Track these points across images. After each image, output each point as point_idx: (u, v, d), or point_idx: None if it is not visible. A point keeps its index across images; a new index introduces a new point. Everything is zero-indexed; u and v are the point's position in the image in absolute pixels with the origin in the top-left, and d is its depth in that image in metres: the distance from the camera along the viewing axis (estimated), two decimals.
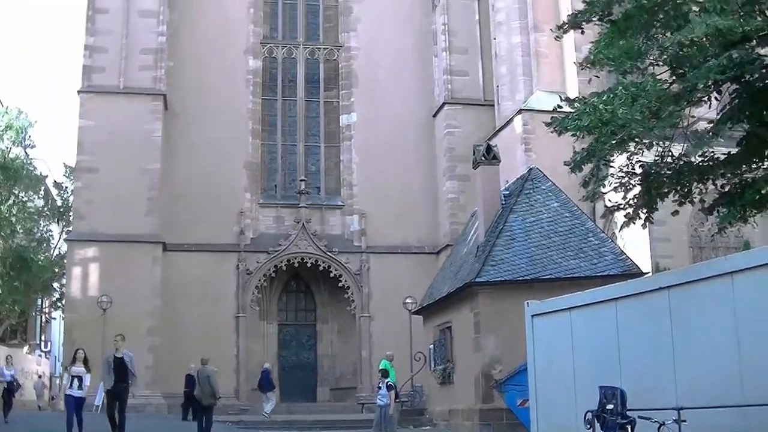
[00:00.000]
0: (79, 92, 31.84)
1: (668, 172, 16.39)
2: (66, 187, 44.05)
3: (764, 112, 15.46)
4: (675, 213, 15.61)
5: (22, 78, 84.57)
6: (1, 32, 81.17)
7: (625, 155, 16.27)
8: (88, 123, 31.44)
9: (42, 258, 41.90)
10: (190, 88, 33.62)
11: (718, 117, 16.38)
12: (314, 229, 34.07)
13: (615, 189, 15.95)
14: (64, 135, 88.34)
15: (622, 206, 15.48)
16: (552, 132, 16.53)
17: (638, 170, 16.52)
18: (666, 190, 15.74)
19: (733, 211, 14.74)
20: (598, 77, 17.52)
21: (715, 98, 15.68)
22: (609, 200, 16.77)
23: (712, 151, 15.73)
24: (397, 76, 35.72)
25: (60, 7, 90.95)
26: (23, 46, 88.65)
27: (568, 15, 19.12)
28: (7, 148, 39.84)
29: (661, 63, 16.80)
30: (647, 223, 15.66)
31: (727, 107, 16.36)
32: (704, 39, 13.93)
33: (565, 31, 18.40)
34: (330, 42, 36.72)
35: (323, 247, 33.70)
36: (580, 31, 17.73)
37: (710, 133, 16.50)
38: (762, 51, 14.77)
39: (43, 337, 50.21)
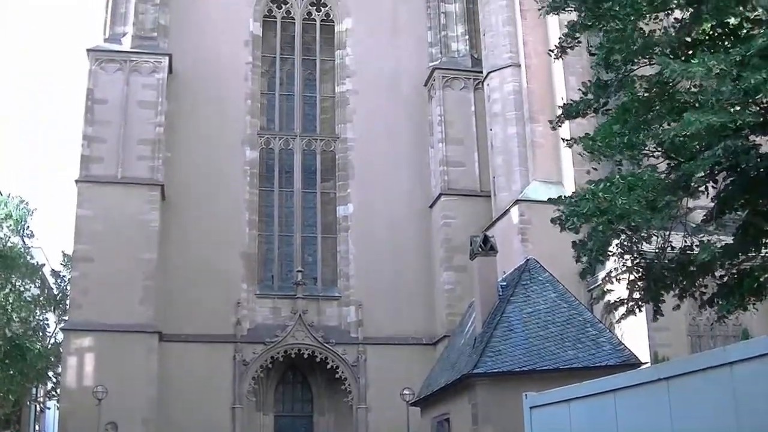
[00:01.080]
0: (77, 182, 32.02)
1: (670, 265, 16.38)
2: (63, 276, 43.95)
3: (760, 201, 15.53)
4: (676, 308, 15.60)
5: (20, 166, 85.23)
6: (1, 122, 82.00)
7: (623, 247, 16.29)
8: (85, 212, 31.54)
9: (38, 347, 41.52)
10: (187, 178, 33.84)
11: (714, 206, 16.45)
12: (311, 320, 33.85)
13: (616, 279, 15.93)
14: (62, 223, 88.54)
15: (625, 300, 15.41)
16: (557, 227, 16.59)
17: (639, 263, 16.52)
18: (669, 283, 15.71)
19: (732, 301, 14.71)
20: (596, 170, 17.67)
21: (712, 187, 15.78)
22: (609, 290, 16.69)
23: (711, 243, 15.71)
24: (393, 166, 35.99)
25: (57, 96, 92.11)
26: (22, 135, 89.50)
27: (561, 105, 19.37)
28: (5, 236, 39.89)
29: (657, 153, 16.97)
30: (655, 315, 15.62)
31: (723, 196, 16.45)
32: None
33: (560, 123, 18.63)
34: (326, 133, 37.10)
35: (320, 338, 33.45)
36: (575, 121, 17.97)
37: (709, 225, 16.52)
38: (756, 138, 14.92)
39: (37, 427, 49.45)
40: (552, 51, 19.59)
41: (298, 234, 35.77)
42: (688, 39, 16.71)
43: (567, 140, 16.39)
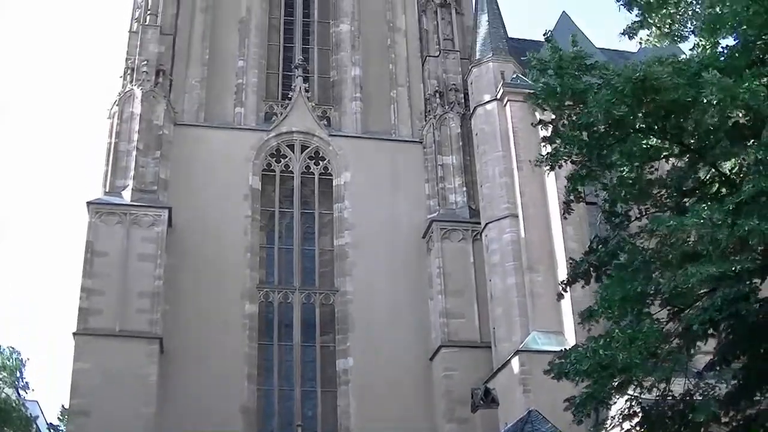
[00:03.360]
0: (74, 334, 32.20)
1: (670, 414, 16.60)
2: (61, 430, 43.50)
3: (761, 347, 15.88)
4: None
5: (16, 318, 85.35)
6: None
7: (624, 398, 16.55)
8: (83, 365, 31.49)
9: None
10: (187, 332, 34.01)
11: (715, 353, 16.80)
12: None
13: (619, 426, 16.11)
14: (60, 376, 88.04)
15: None
16: (552, 377, 16.94)
17: (638, 411, 16.74)
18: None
19: None
20: (596, 324, 18.09)
21: (711, 335, 16.17)
22: None
23: (710, 397, 15.97)
24: (393, 319, 36.28)
25: (55, 250, 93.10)
26: (19, 288, 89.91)
27: (561, 283, 19.94)
28: None
29: (657, 303, 17.45)
30: None
31: (724, 345, 16.81)
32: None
33: (566, 290, 19.27)
34: (325, 287, 37.51)
35: None
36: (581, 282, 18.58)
37: (711, 372, 16.84)
38: (756, 281, 15.40)
39: None
40: (561, 207, 20.46)
41: (298, 388, 35.66)
42: (685, 187, 17.54)
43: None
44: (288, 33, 43.60)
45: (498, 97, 36.48)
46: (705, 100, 15.06)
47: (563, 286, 18.93)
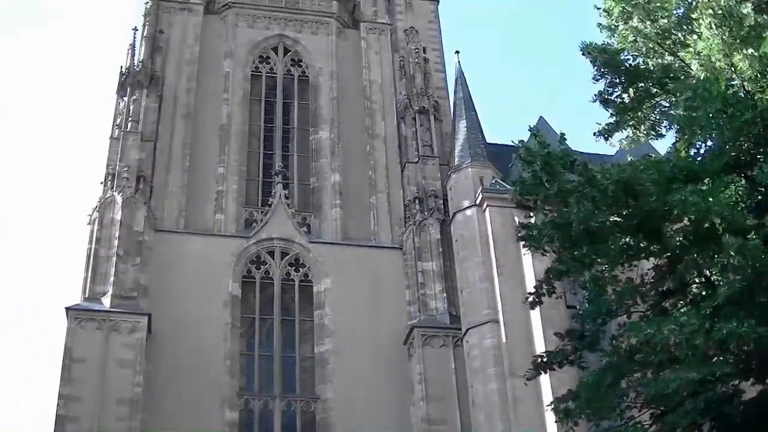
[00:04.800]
0: None
1: None
2: None
3: None
4: None
5: None
6: None
7: None
8: None
9: None
10: None
11: None
12: None
13: None
14: None
15: None
16: None
17: None
18: None
19: None
20: (577, 424, 18.51)
21: None
22: None
23: None
24: (375, 426, 36.09)
25: (33, 356, 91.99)
26: None
27: (534, 357, 20.51)
28: None
29: (638, 405, 17.91)
30: None
31: None
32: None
33: (533, 377, 19.75)
34: (306, 394, 37.58)
35: None
36: (556, 375, 19.04)
37: None
38: (739, 383, 15.89)
39: None
40: (527, 298, 21.07)
41: None
42: (665, 288, 18.14)
43: (550, 405, 17.41)
44: (268, 140, 44.85)
45: (477, 202, 37.38)
46: (678, 213, 15.78)
47: (533, 372, 19.41)
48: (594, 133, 22.08)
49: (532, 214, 19.45)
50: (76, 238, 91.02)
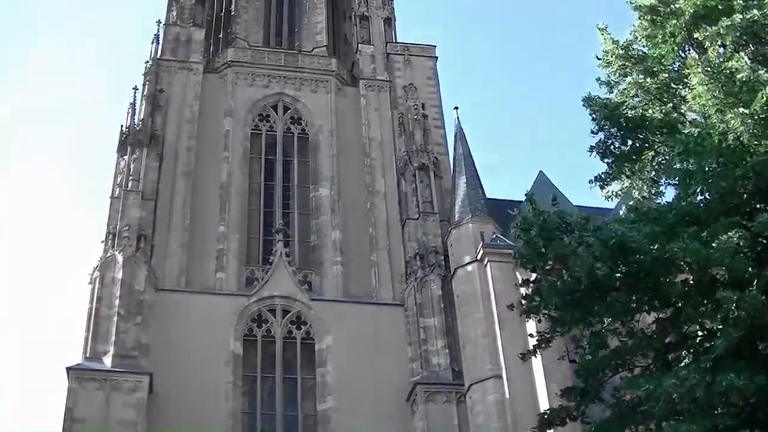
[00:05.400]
0: None
1: None
2: None
3: None
4: None
5: None
6: None
7: None
8: None
9: None
10: None
11: None
12: None
13: None
14: None
15: None
16: None
17: None
18: None
19: None
20: None
21: None
22: None
23: None
24: None
25: (33, 417, 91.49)
26: None
27: (539, 414, 20.66)
28: None
29: None
30: None
31: None
32: None
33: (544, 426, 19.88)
34: None
35: None
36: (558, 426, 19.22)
37: None
38: None
39: None
40: (524, 355, 21.31)
41: None
42: (667, 341, 18.33)
43: None
44: (268, 198, 45.33)
45: (478, 258, 37.71)
46: (680, 263, 16.05)
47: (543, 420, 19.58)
48: (589, 181, 22.30)
49: (534, 274, 19.68)
50: (77, 298, 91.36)
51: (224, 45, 52.08)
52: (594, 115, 21.42)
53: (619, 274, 17.30)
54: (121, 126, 43.98)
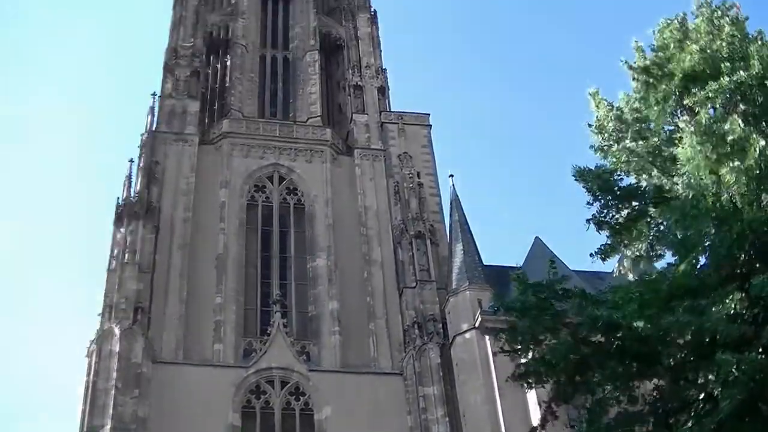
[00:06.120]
0: None
1: None
2: None
3: None
4: None
5: None
6: None
7: None
8: None
9: None
10: None
11: None
12: None
13: None
14: None
15: None
16: None
17: None
18: None
19: None
20: None
21: None
22: None
23: None
24: None
25: None
26: None
27: None
28: None
29: None
30: None
31: None
32: None
33: None
34: None
35: None
36: None
37: None
38: None
39: None
40: (534, 429, 21.32)
41: None
42: (669, 405, 18.44)
43: None
44: (265, 268, 45.64)
45: (476, 325, 37.93)
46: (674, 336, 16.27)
47: None
48: (590, 254, 22.43)
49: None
50: (74, 371, 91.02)
51: (219, 116, 52.85)
52: (587, 187, 21.59)
53: (615, 343, 17.44)
54: (118, 198, 44.46)
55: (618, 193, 21.36)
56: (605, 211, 21.52)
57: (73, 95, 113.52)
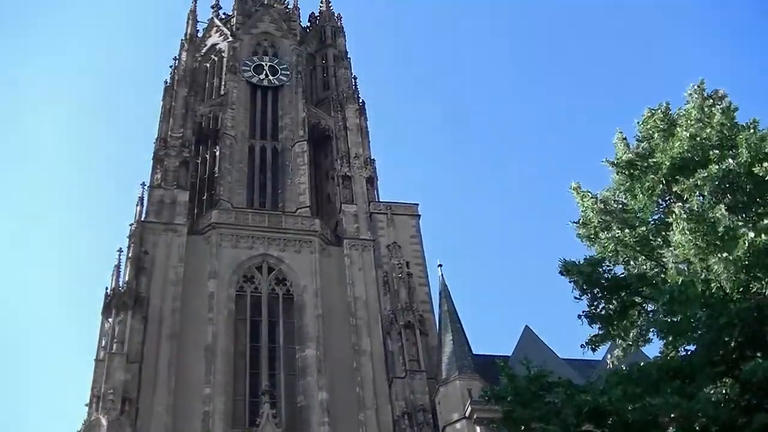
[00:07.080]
0: None
1: None
2: None
3: None
4: None
5: None
6: None
7: None
8: None
9: None
10: None
11: None
12: None
13: None
14: None
15: None
16: None
17: None
18: None
19: None
20: None
21: None
22: None
23: None
24: None
25: None
26: None
27: None
28: None
29: None
30: None
31: None
32: None
33: None
34: None
35: None
36: None
37: None
38: None
39: None
40: None
41: None
42: None
43: None
44: (254, 359, 45.73)
45: (467, 415, 38.12)
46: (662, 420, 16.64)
47: None
48: (581, 345, 22.65)
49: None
50: None
51: (208, 206, 53.47)
52: (574, 281, 21.73)
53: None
54: (106, 288, 44.73)
55: (605, 284, 21.68)
56: (595, 303, 21.79)
57: (63, 182, 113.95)
